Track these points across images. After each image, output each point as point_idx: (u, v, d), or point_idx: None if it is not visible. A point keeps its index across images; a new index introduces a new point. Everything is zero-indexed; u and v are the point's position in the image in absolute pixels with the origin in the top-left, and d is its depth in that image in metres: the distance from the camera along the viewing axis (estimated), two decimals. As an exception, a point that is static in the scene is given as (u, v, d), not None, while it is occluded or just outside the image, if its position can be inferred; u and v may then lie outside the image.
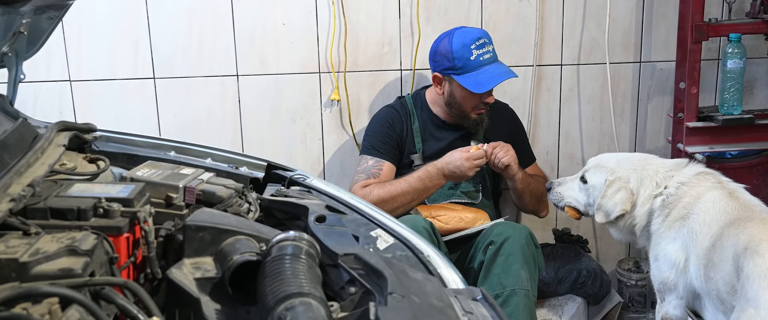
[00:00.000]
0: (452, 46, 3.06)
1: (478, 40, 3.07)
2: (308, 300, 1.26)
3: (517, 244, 2.81)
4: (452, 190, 3.23)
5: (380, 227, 1.76)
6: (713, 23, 3.25)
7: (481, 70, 3.07)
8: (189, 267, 1.49)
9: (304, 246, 1.43)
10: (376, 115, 3.34)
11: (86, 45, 3.45)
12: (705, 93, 3.59)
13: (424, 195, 3.10)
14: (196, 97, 3.54)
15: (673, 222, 2.59)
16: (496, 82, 3.08)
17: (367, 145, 3.27)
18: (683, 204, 2.58)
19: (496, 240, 2.85)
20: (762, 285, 2.12)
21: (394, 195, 3.06)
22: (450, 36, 3.10)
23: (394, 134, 3.24)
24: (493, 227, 2.96)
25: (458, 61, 3.06)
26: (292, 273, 1.34)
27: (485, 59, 3.08)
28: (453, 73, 3.09)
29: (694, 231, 2.50)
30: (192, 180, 1.80)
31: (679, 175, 2.66)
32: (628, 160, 2.84)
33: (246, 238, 1.53)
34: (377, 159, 3.21)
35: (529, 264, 2.82)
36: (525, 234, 2.87)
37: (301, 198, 1.84)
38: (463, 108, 3.16)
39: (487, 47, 3.09)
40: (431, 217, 3.05)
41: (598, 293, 3.46)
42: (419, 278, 1.45)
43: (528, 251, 2.84)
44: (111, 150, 2.08)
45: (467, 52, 3.05)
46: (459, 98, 3.13)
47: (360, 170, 3.21)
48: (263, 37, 3.49)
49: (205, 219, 1.55)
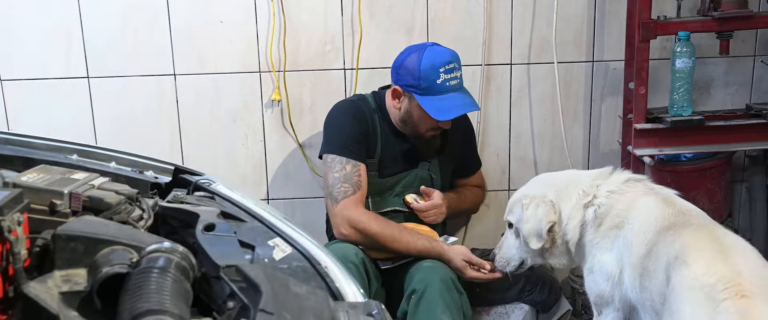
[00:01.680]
0: (420, 65, 2.90)
1: (448, 64, 2.92)
2: (164, 318, 1.15)
3: (438, 291, 2.75)
4: (401, 195, 3.13)
5: (279, 236, 1.65)
6: (662, 21, 3.16)
7: (445, 96, 2.93)
8: (57, 280, 1.38)
9: (175, 259, 1.32)
10: (337, 109, 3.13)
11: (17, 43, 3.33)
12: (660, 93, 3.50)
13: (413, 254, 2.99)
14: (133, 97, 3.42)
15: (607, 231, 2.49)
16: (458, 113, 2.96)
17: (336, 142, 3.03)
18: (616, 212, 2.48)
19: (418, 287, 2.79)
20: (684, 297, 2.03)
21: (388, 243, 2.93)
22: (420, 52, 2.94)
23: (362, 132, 3.05)
24: (415, 272, 2.88)
25: (423, 81, 2.91)
26: (155, 287, 1.23)
27: (451, 85, 2.93)
28: (415, 92, 2.94)
29: (628, 240, 2.40)
30: (81, 186, 1.68)
31: (607, 184, 2.57)
32: (538, 180, 2.75)
33: (123, 249, 1.42)
34: (353, 162, 2.99)
35: (452, 310, 2.75)
36: (447, 279, 2.81)
37: (196, 205, 1.73)
38: (417, 127, 3.03)
39: (455, 73, 2.95)
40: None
41: (546, 301, 3.34)
42: (302, 292, 1.35)
43: (449, 297, 2.77)
44: (7, 153, 1.96)
45: (435, 74, 2.90)
46: (415, 117, 3.00)
47: (339, 177, 2.97)
48: (201, 35, 3.38)
49: (78, 228, 1.43)
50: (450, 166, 3.27)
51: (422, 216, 3.10)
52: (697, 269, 2.06)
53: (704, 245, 2.15)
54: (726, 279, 2.00)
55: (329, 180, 2.99)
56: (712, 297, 1.98)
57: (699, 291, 2.01)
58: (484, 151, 3.56)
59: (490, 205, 3.68)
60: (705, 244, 2.15)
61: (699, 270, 2.06)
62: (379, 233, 2.91)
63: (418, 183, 3.15)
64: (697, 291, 2.02)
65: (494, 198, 3.71)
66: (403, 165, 3.15)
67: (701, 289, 2.01)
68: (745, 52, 3.61)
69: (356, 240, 2.92)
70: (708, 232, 2.23)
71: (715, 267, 2.04)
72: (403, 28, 3.43)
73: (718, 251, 2.11)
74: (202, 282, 1.41)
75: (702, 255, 2.10)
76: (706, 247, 2.13)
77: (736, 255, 2.10)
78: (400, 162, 3.14)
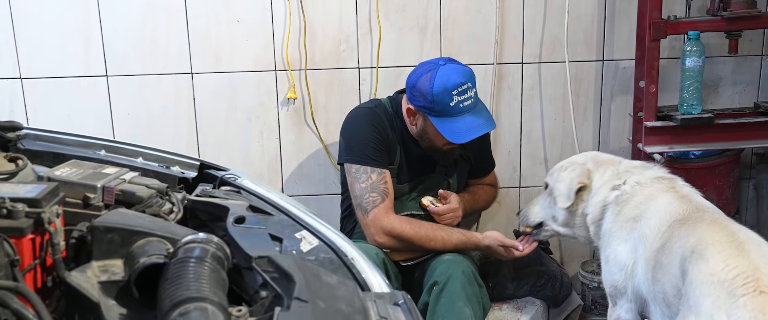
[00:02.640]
0: (433, 89, 2.87)
1: (461, 85, 2.89)
2: (204, 305, 1.21)
3: (460, 283, 2.79)
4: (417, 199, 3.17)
5: (306, 228, 1.70)
6: (672, 21, 3.21)
7: (459, 118, 2.91)
8: (96, 270, 1.43)
9: (211, 249, 1.38)
10: (355, 117, 3.11)
11: (37, 41, 3.39)
12: (669, 92, 3.54)
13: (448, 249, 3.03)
14: (150, 95, 3.48)
15: (625, 222, 2.54)
16: (474, 135, 2.94)
17: (358, 152, 3.01)
18: (634, 204, 2.53)
19: (440, 279, 2.82)
20: (703, 292, 2.04)
21: (425, 243, 2.97)
22: (433, 73, 2.89)
23: (384, 139, 3.05)
24: (437, 264, 2.91)
25: (436, 104, 2.89)
26: (194, 276, 1.29)
27: (465, 107, 2.91)
28: (429, 113, 2.93)
29: (644, 234, 2.44)
30: (112, 180, 1.73)
31: (638, 175, 2.62)
32: (585, 153, 2.90)
33: (158, 240, 1.48)
34: (378, 170, 2.99)
35: (473, 302, 2.79)
36: (468, 273, 2.85)
37: (225, 199, 1.78)
38: (433, 143, 3.03)
39: (469, 92, 2.92)
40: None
41: (558, 296, 3.40)
42: (333, 282, 1.40)
43: (470, 290, 2.81)
44: (38, 148, 2.02)
45: (448, 97, 2.87)
46: (431, 135, 3.00)
47: (366, 187, 2.97)
48: (218, 34, 3.43)
49: (114, 220, 1.49)
50: (466, 169, 3.29)
51: (439, 220, 3.10)
52: (715, 264, 2.08)
53: (720, 239, 2.16)
54: (744, 275, 2.02)
55: (357, 191, 2.99)
56: (732, 293, 2.00)
57: (718, 286, 2.03)
58: (495, 148, 3.60)
59: (501, 203, 3.73)
60: (721, 239, 2.17)
61: (717, 265, 2.08)
62: (415, 235, 2.95)
63: (436, 188, 3.16)
64: (716, 287, 2.03)
65: (505, 196, 3.76)
66: (421, 170, 3.15)
67: (720, 285, 2.03)
68: (752, 52, 3.65)
69: (392, 247, 2.95)
70: (723, 227, 2.25)
71: (733, 262, 2.07)
72: (417, 28, 3.48)
73: (735, 246, 2.13)
74: (233, 273, 1.47)
75: (719, 250, 2.12)
76: (722, 242, 2.15)
77: (753, 250, 2.12)
78: (418, 168, 3.14)
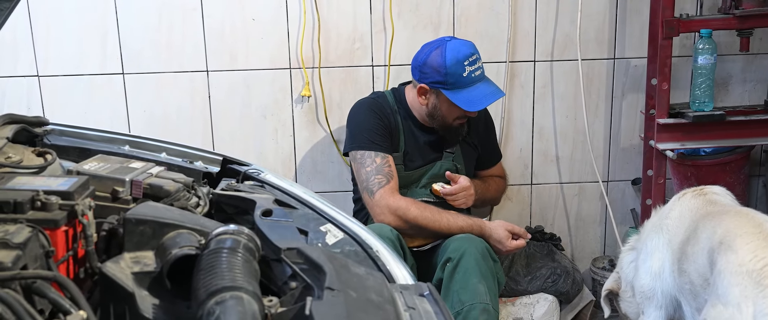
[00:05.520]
0: (446, 61, 2.96)
1: (471, 56, 2.99)
2: (240, 294, 1.23)
3: (474, 259, 2.81)
4: (427, 186, 3.19)
5: (330, 222, 1.73)
6: (684, 19, 3.23)
7: (472, 88, 3.00)
8: (128, 261, 1.46)
9: (242, 240, 1.40)
10: (359, 106, 3.20)
11: (54, 39, 3.42)
12: (680, 90, 3.57)
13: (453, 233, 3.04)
14: (166, 93, 3.51)
15: (651, 230, 2.61)
16: (488, 102, 3.04)
17: (363, 138, 3.09)
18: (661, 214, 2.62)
19: (454, 256, 2.84)
20: (732, 282, 2.10)
21: (429, 224, 2.98)
22: (442, 49, 2.99)
23: (386, 126, 3.11)
24: (450, 242, 2.93)
25: (451, 77, 2.97)
26: (227, 266, 1.31)
27: (476, 76, 3.01)
28: (443, 87, 2.99)
29: (668, 230, 2.51)
30: (140, 174, 1.77)
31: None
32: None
33: (188, 232, 1.50)
34: (382, 154, 3.06)
35: (488, 278, 2.81)
36: (481, 248, 2.87)
37: (250, 193, 1.81)
38: (446, 119, 3.09)
39: (478, 63, 3.02)
40: None
41: (570, 291, 3.43)
42: (361, 273, 1.43)
43: (485, 265, 2.83)
44: (63, 143, 2.05)
45: (461, 68, 2.96)
46: (444, 110, 3.06)
47: (371, 170, 3.03)
48: (233, 33, 3.47)
49: (146, 212, 1.52)
50: (473, 156, 3.32)
51: (451, 200, 3.13)
52: (744, 255, 2.14)
53: (749, 231, 2.22)
54: None
55: (362, 175, 3.05)
56: (759, 283, 2.07)
57: (746, 276, 2.09)
58: (507, 146, 3.64)
59: (513, 199, 3.76)
60: (749, 230, 2.22)
61: (745, 255, 2.13)
62: (420, 215, 2.97)
63: (444, 173, 3.19)
64: (744, 277, 2.09)
65: (517, 193, 3.79)
66: (428, 156, 3.20)
67: (748, 275, 2.09)
68: (763, 50, 3.68)
69: (398, 227, 2.97)
70: (750, 218, 2.30)
71: (761, 254, 2.12)
72: (431, 26, 3.51)
73: (763, 237, 2.18)
74: (262, 265, 1.49)
75: (748, 242, 2.17)
76: (750, 233, 2.21)
77: None
78: (425, 154, 3.19)
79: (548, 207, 3.84)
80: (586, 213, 3.87)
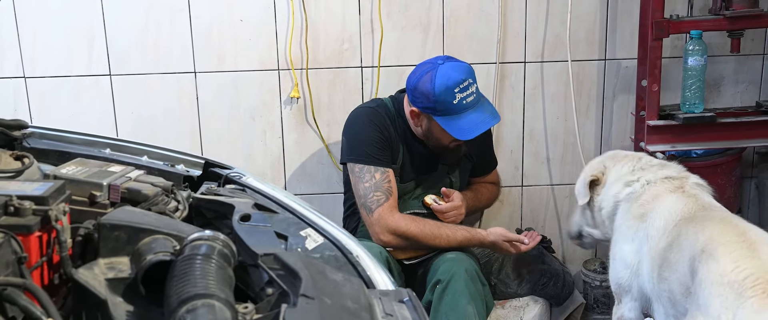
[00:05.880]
0: (435, 89, 2.86)
1: (462, 82, 2.87)
2: (212, 302, 1.21)
3: (463, 282, 2.79)
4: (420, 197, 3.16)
5: (311, 226, 1.71)
6: (674, 20, 3.21)
7: (463, 115, 2.91)
8: (102, 268, 1.44)
9: (217, 246, 1.38)
10: (358, 116, 3.09)
11: (40, 41, 3.40)
12: (671, 91, 3.55)
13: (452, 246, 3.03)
14: (153, 95, 3.49)
15: (631, 221, 2.55)
16: (480, 131, 2.94)
17: (361, 151, 3.00)
18: (641, 202, 2.55)
19: (443, 278, 2.82)
20: (713, 292, 2.04)
21: (430, 240, 2.96)
22: (433, 74, 2.88)
23: (386, 138, 3.04)
24: (440, 263, 2.91)
25: (440, 104, 2.87)
26: (201, 273, 1.29)
27: (468, 103, 2.90)
28: (433, 114, 2.92)
29: (648, 234, 2.45)
30: (118, 178, 1.74)
31: (652, 174, 2.63)
32: (611, 151, 2.96)
33: (164, 237, 1.48)
34: (382, 169, 2.98)
35: (477, 301, 2.80)
36: (471, 271, 2.86)
37: (230, 197, 1.79)
38: (440, 142, 3.02)
39: (470, 89, 2.91)
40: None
41: (560, 294, 3.41)
42: (338, 279, 1.41)
43: (474, 288, 2.82)
44: (43, 147, 2.03)
45: (450, 95, 2.86)
46: (436, 134, 3.00)
47: (370, 187, 2.96)
48: (221, 34, 3.44)
49: (121, 217, 1.50)
50: (468, 166, 3.29)
51: (442, 217, 3.08)
52: (726, 265, 2.07)
53: (731, 239, 2.15)
54: (754, 276, 2.01)
55: (360, 191, 2.98)
56: (740, 294, 2.00)
57: (727, 287, 2.02)
58: (498, 147, 3.61)
59: (504, 202, 3.74)
60: (732, 239, 2.16)
61: (727, 266, 2.07)
62: (420, 233, 2.94)
63: (438, 186, 3.15)
64: (726, 288, 2.03)
65: (508, 195, 3.76)
66: (424, 169, 3.15)
67: (730, 286, 2.02)
68: (754, 51, 3.66)
69: (397, 245, 2.95)
70: (733, 226, 2.24)
71: (743, 264, 2.06)
72: (420, 27, 3.48)
73: (746, 246, 2.12)
74: (239, 270, 1.47)
75: (730, 251, 2.10)
76: (733, 242, 2.14)
77: (764, 251, 2.11)
78: (421, 167, 3.14)
79: (539, 209, 3.82)
80: (577, 215, 3.84)
